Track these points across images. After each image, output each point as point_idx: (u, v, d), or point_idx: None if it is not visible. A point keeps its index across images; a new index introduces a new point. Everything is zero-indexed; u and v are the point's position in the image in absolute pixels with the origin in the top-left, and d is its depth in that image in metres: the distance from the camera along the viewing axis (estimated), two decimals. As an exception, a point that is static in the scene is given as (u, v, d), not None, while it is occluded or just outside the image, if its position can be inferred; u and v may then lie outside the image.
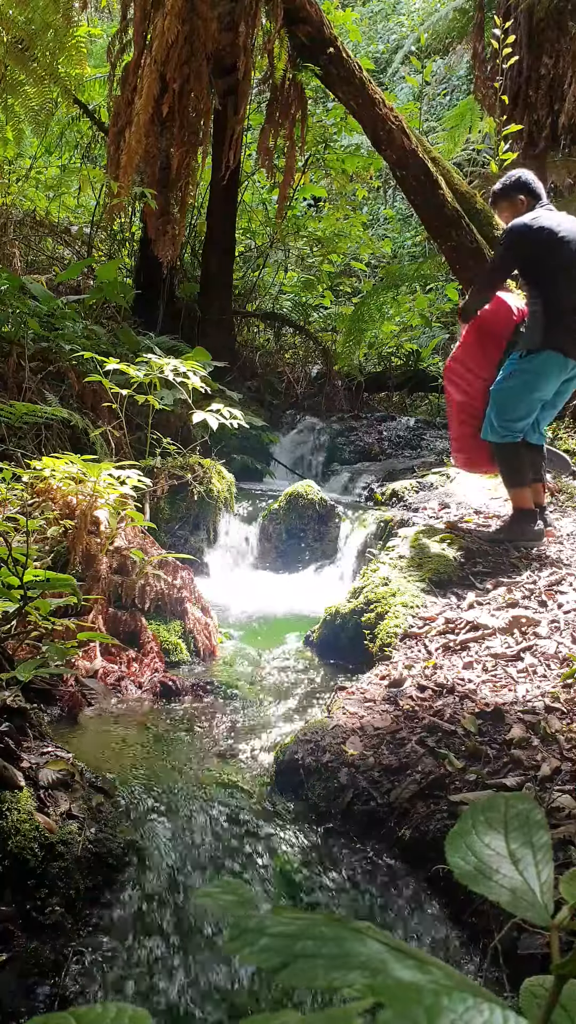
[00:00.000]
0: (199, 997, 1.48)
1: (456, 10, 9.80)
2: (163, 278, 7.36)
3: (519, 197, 3.86)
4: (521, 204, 3.86)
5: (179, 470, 4.72)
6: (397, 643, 2.95)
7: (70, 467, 3.21)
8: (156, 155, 5.93)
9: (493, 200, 4.01)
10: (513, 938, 1.55)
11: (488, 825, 0.58)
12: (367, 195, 11.58)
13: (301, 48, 5.42)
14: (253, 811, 1.99)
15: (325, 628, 3.41)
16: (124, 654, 2.92)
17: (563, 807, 1.81)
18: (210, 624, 3.34)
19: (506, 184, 3.91)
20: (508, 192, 3.89)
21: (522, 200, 3.86)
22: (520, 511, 3.87)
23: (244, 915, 0.46)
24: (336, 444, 7.87)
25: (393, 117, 5.28)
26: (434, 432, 8.07)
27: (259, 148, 6.24)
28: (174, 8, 5.29)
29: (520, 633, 2.85)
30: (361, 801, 2.01)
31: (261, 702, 2.84)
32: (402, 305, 9.08)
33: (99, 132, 8.27)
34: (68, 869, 1.60)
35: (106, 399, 4.57)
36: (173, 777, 2.12)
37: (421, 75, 10.78)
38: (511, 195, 3.88)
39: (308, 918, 0.47)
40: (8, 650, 2.30)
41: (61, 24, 6.18)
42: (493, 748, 2.11)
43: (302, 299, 10.30)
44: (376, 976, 0.41)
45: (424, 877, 1.81)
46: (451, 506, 4.79)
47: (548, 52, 7.65)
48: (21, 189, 8.73)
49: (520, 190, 3.87)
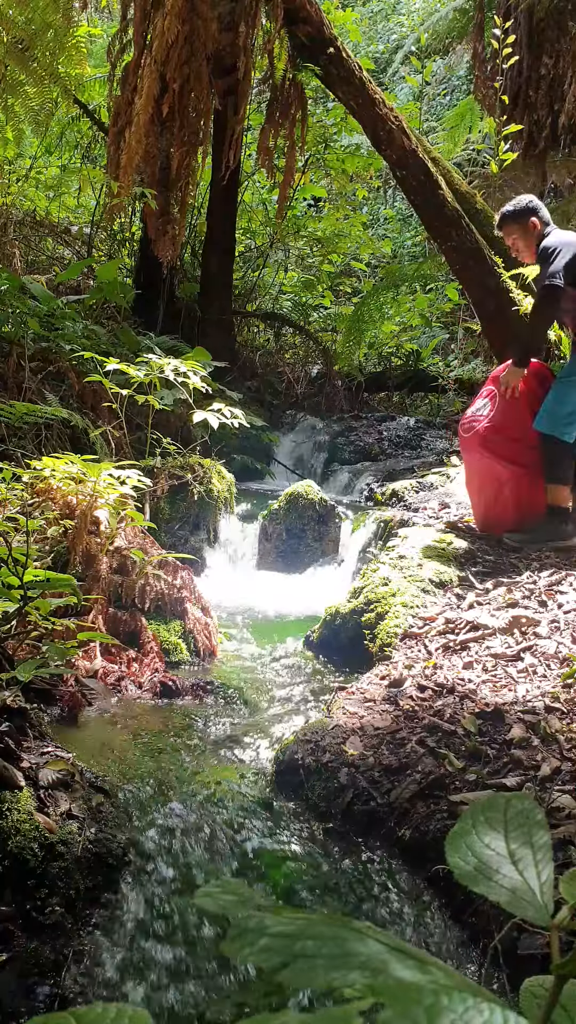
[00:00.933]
0: (199, 997, 1.48)
1: (456, 10, 9.79)
2: (163, 278, 7.36)
3: (532, 220, 3.90)
4: (532, 227, 3.90)
5: (179, 470, 4.72)
6: (397, 643, 2.95)
7: (70, 467, 3.21)
8: (156, 155, 5.93)
9: (502, 222, 4.02)
10: (513, 938, 1.55)
11: (488, 825, 0.58)
12: (367, 195, 11.57)
13: (301, 48, 5.41)
14: (253, 811, 1.99)
15: (325, 628, 3.41)
16: (124, 654, 2.92)
17: (563, 807, 1.81)
18: (210, 624, 3.34)
19: (519, 208, 3.93)
20: (521, 216, 3.92)
21: (534, 223, 3.90)
22: (555, 508, 3.86)
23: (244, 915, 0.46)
24: (336, 444, 7.87)
25: (393, 117, 5.28)
26: (434, 432, 8.07)
27: (259, 148, 6.23)
28: (174, 8, 5.29)
29: (520, 633, 2.85)
30: (361, 801, 2.01)
31: (261, 702, 2.84)
32: (402, 305, 9.07)
33: (99, 132, 8.27)
34: (68, 869, 1.60)
35: (106, 399, 4.57)
36: (173, 777, 2.11)
37: (421, 75, 10.78)
38: (524, 218, 3.92)
39: (308, 918, 0.47)
40: (8, 650, 2.30)
41: (61, 24, 6.18)
42: (493, 748, 2.11)
43: (302, 299, 10.29)
44: (376, 976, 0.41)
45: (424, 877, 1.81)
46: (451, 506, 4.79)
47: (548, 52, 7.65)
48: (21, 189, 8.72)
49: (533, 213, 3.91)
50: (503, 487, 3.95)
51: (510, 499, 3.95)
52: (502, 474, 3.92)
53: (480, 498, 4.13)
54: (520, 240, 3.97)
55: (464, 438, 4.11)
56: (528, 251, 3.98)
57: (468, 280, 5.37)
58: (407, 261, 10.58)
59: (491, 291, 5.18)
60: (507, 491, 3.95)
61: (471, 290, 5.39)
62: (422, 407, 9.74)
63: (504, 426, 3.90)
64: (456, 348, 9.81)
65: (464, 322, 9.30)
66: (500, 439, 3.91)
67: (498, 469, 3.93)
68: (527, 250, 3.98)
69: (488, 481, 4.01)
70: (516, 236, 3.97)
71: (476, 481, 4.14)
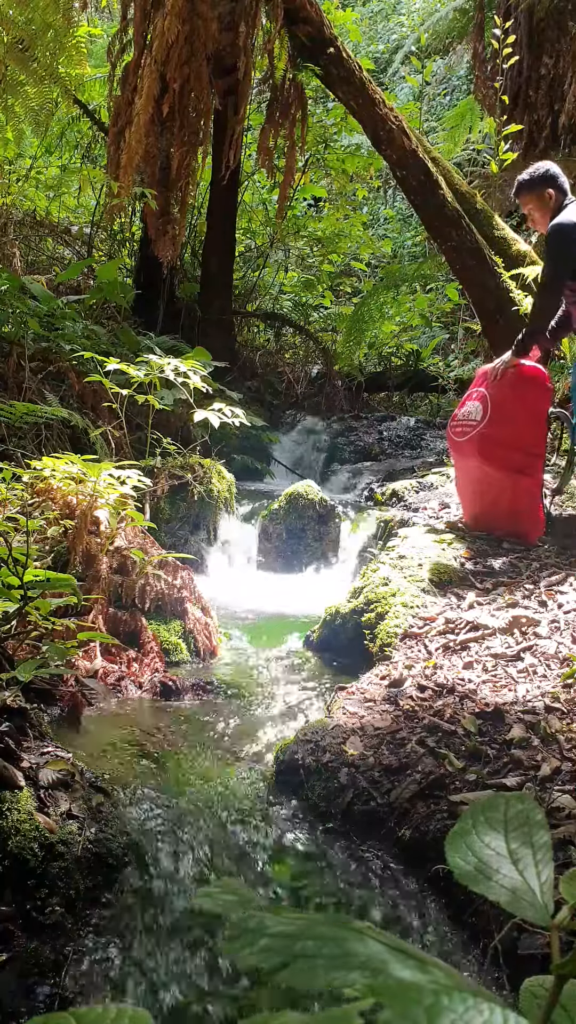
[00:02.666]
0: (199, 997, 1.48)
1: (456, 10, 9.79)
2: (163, 278, 7.36)
3: (547, 191, 3.75)
4: (548, 198, 3.75)
5: (179, 470, 4.72)
6: (397, 643, 2.95)
7: (70, 467, 3.21)
8: (156, 155, 5.93)
9: (518, 190, 3.87)
10: (513, 938, 1.55)
11: (488, 825, 0.58)
12: (367, 195, 11.57)
13: (301, 48, 5.42)
14: (253, 811, 1.99)
15: (325, 628, 3.41)
16: (124, 654, 2.92)
17: (563, 807, 1.81)
18: (210, 624, 3.34)
19: (534, 176, 3.79)
20: (535, 184, 3.77)
21: (550, 194, 3.75)
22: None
23: (244, 915, 0.46)
24: (336, 444, 7.87)
25: (393, 117, 5.28)
26: (434, 432, 8.07)
27: (259, 148, 6.23)
28: (174, 8, 5.29)
29: (520, 633, 2.85)
30: (361, 801, 2.01)
31: (261, 702, 2.84)
32: (402, 305, 9.07)
33: (99, 132, 8.27)
34: (68, 869, 1.60)
35: (106, 399, 4.57)
36: (173, 777, 2.12)
37: (421, 75, 10.77)
38: (538, 188, 3.76)
39: (308, 918, 0.47)
40: (8, 650, 2.30)
41: (61, 24, 6.18)
42: (493, 748, 2.11)
43: (302, 299, 10.29)
44: (376, 976, 0.41)
45: (424, 877, 1.81)
46: (451, 506, 4.79)
47: (548, 52, 7.65)
48: (21, 189, 8.72)
49: (549, 183, 3.76)
50: (501, 493, 3.92)
51: (505, 505, 3.94)
52: (500, 480, 3.88)
53: (474, 503, 4.11)
54: (536, 210, 3.82)
55: (457, 442, 4.04)
56: (543, 222, 3.81)
57: (468, 280, 5.37)
58: (407, 261, 10.58)
59: (491, 291, 5.19)
60: (504, 497, 3.92)
61: (471, 290, 5.40)
62: (422, 407, 9.75)
63: (500, 431, 3.85)
64: (456, 348, 9.81)
65: (464, 322, 9.31)
66: (496, 445, 3.86)
67: (495, 475, 3.89)
68: (542, 221, 3.83)
69: (484, 487, 3.98)
70: (532, 206, 3.82)
71: (470, 486, 4.12)
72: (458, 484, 4.28)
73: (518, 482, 3.87)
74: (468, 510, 4.17)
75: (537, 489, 3.92)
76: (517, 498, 3.90)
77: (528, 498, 3.91)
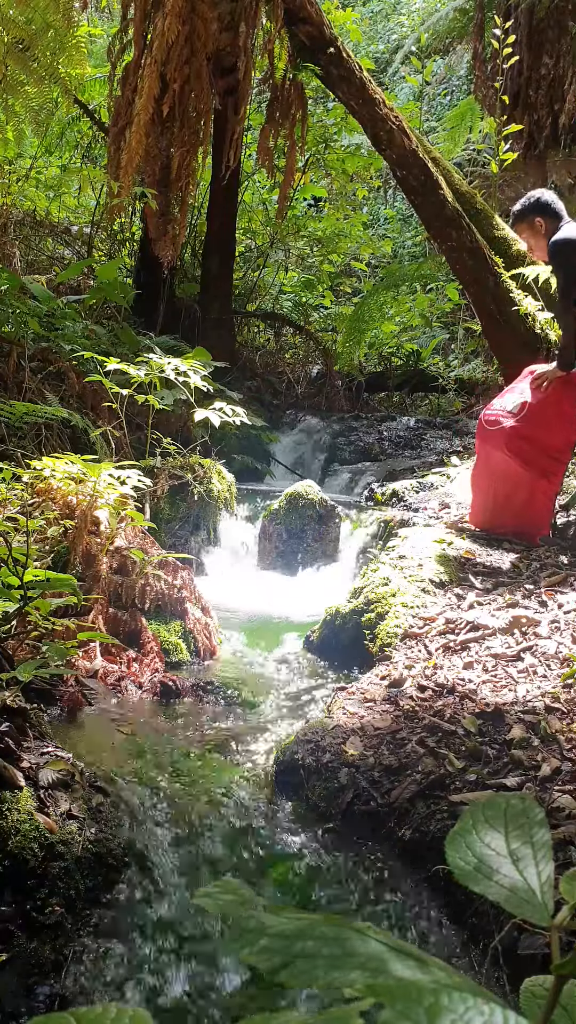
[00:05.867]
0: (199, 997, 1.48)
1: (456, 10, 9.79)
2: (163, 278, 7.35)
3: (536, 219, 3.82)
4: (539, 226, 3.81)
5: (179, 470, 4.72)
6: (397, 643, 2.95)
7: (70, 467, 3.21)
8: (156, 155, 5.92)
9: (513, 221, 3.98)
10: (513, 938, 1.55)
11: (488, 825, 0.58)
12: (367, 195, 11.57)
13: (301, 48, 5.41)
14: (253, 811, 1.99)
15: (325, 628, 3.41)
16: (124, 654, 2.92)
17: (563, 807, 1.81)
18: (210, 624, 3.34)
19: (525, 206, 3.86)
20: (525, 214, 3.86)
21: (540, 222, 3.81)
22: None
23: (244, 915, 0.46)
24: (336, 444, 7.86)
25: (393, 117, 5.28)
26: (434, 432, 8.06)
27: (259, 148, 6.23)
28: (174, 8, 5.29)
29: (520, 633, 2.85)
30: (361, 801, 2.01)
31: (261, 702, 2.84)
32: (402, 305, 9.08)
33: (99, 132, 8.27)
34: (68, 869, 1.60)
35: (106, 399, 4.57)
36: (173, 777, 2.12)
37: (421, 75, 10.76)
38: (528, 217, 3.85)
39: (308, 918, 0.47)
40: (8, 650, 2.30)
41: (61, 24, 6.18)
42: (493, 748, 2.11)
43: (302, 299, 10.29)
44: (376, 976, 0.41)
45: (424, 877, 1.81)
46: (451, 506, 4.79)
47: (548, 52, 7.66)
48: (21, 189, 8.71)
49: (538, 212, 3.82)
50: (517, 489, 3.91)
51: (519, 502, 3.93)
52: (521, 476, 3.88)
53: (488, 495, 4.08)
54: (530, 239, 3.90)
55: (487, 431, 4.02)
56: (538, 248, 3.89)
57: (468, 280, 5.36)
58: (407, 261, 10.58)
59: (491, 291, 5.18)
60: (520, 494, 3.91)
61: (471, 290, 5.39)
62: (422, 407, 9.74)
63: (533, 430, 3.85)
64: (456, 348, 9.82)
65: (464, 322, 9.31)
66: (526, 442, 3.86)
67: (518, 471, 3.88)
68: (536, 248, 3.91)
69: (503, 480, 3.96)
70: (525, 235, 3.91)
71: (488, 477, 4.08)
72: (474, 474, 4.22)
73: (537, 482, 3.87)
74: (477, 502, 4.15)
75: (553, 494, 3.92)
76: (533, 498, 3.90)
77: (543, 500, 3.91)
